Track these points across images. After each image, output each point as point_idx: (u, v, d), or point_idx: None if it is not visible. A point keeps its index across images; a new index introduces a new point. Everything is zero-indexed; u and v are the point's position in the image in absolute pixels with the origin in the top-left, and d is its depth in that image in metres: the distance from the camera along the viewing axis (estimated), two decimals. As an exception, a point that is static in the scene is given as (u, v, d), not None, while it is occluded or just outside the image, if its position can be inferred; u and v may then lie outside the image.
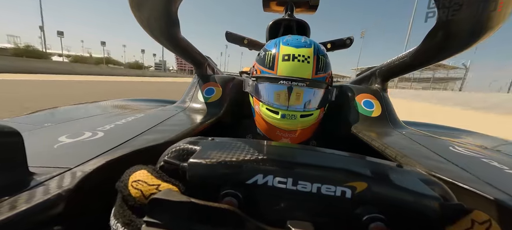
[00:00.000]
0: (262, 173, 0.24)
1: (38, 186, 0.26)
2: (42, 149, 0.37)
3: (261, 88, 0.62)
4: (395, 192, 0.24)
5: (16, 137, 0.26)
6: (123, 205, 0.24)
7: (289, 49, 0.58)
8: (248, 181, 0.24)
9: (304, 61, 0.56)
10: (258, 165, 0.25)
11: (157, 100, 1.23)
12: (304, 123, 0.60)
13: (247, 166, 0.25)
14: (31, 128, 0.49)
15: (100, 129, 0.49)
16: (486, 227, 0.21)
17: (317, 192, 0.24)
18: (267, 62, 0.60)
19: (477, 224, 0.21)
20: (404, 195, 0.24)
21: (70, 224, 0.26)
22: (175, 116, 0.68)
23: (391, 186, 0.24)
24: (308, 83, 0.56)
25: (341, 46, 0.98)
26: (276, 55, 0.58)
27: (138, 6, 0.49)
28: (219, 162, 0.25)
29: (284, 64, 0.57)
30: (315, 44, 0.61)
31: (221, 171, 0.25)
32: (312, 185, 0.24)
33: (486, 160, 0.48)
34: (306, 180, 0.24)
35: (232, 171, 0.25)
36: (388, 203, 0.23)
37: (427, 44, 0.56)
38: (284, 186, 0.24)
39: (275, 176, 0.24)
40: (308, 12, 1.09)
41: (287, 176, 0.24)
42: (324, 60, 0.59)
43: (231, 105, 0.83)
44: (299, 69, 0.56)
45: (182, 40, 0.68)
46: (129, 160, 0.37)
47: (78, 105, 0.87)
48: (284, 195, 0.24)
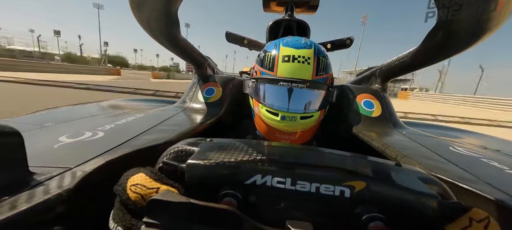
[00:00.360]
0: (261, 173, 0.24)
1: (38, 185, 0.26)
2: (42, 149, 0.37)
3: (261, 89, 0.61)
4: (394, 190, 0.24)
5: (16, 137, 0.26)
6: (122, 208, 0.24)
7: (289, 50, 0.57)
8: (247, 181, 0.24)
9: (305, 62, 0.56)
10: (257, 165, 0.25)
11: (157, 100, 1.23)
12: (304, 124, 0.60)
13: (245, 167, 0.25)
14: (31, 128, 0.49)
15: (100, 128, 0.49)
16: (484, 225, 0.21)
17: (316, 191, 0.24)
18: (267, 63, 0.59)
19: (475, 222, 0.21)
20: (403, 194, 0.24)
21: (70, 224, 0.26)
22: (175, 116, 0.68)
23: (390, 185, 0.24)
24: (309, 84, 0.56)
25: (341, 46, 0.98)
26: (276, 57, 0.58)
27: (138, 6, 0.49)
28: (217, 163, 0.25)
29: (284, 66, 0.56)
30: (316, 45, 0.60)
31: (220, 171, 0.25)
32: (311, 185, 0.24)
33: (486, 160, 0.48)
34: (305, 180, 0.24)
35: (231, 171, 0.25)
36: (387, 202, 0.24)
37: (427, 44, 0.56)
38: (283, 186, 0.24)
39: (274, 176, 0.24)
40: (308, 12, 1.09)
41: (286, 176, 0.24)
42: (325, 61, 0.59)
43: (231, 105, 0.83)
44: (299, 71, 0.56)
45: (182, 40, 0.69)
46: (129, 159, 0.37)
47: (78, 105, 0.87)
48: (283, 195, 0.24)
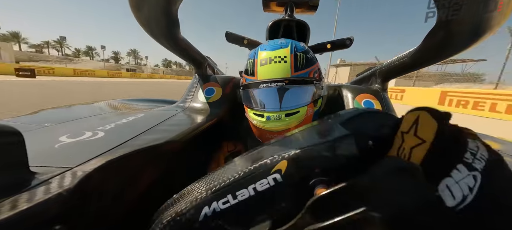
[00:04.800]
0: (207, 204, 0.25)
1: (39, 185, 0.26)
2: (43, 149, 0.37)
3: (246, 95, 0.65)
4: (316, 150, 0.25)
5: (17, 137, 0.26)
6: None
7: (266, 53, 0.60)
8: (201, 219, 0.25)
9: (281, 61, 0.58)
10: (202, 200, 0.26)
11: (157, 100, 1.23)
12: (291, 121, 0.60)
13: (196, 207, 0.26)
14: (32, 128, 0.49)
15: (100, 128, 0.49)
16: (414, 131, 0.21)
17: (255, 192, 0.24)
18: (249, 69, 0.63)
19: (405, 134, 0.21)
20: (324, 150, 0.24)
21: (71, 224, 0.26)
22: (176, 116, 0.68)
23: (307, 149, 0.25)
24: (287, 81, 0.57)
25: (341, 46, 0.98)
26: (255, 62, 0.61)
27: (138, 6, 0.49)
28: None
29: (262, 68, 0.59)
30: (293, 43, 0.62)
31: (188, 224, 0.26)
32: (248, 189, 0.25)
33: None
34: (241, 188, 0.25)
35: (189, 217, 0.26)
36: (315, 163, 0.24)
37: (427, 44, 0.56)
38: (229, 204, 0.25)
39: (218, 201, 0.25)
40: (308, 12, 1.09)
41: (226, 194, 0.25)
42: (303, 56, 0.60)
43: (232, 105, 0.83)
44: (277, 70, 0.58)
45: (182, 40, 0.69)
46: (130, 159, 0.37)
47: (79, 106, 0.87)
48: (232, 213, 0.25)
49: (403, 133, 0.22)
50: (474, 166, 0.19)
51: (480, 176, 0.19)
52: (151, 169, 0.45)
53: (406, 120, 0.22)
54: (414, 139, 0.21)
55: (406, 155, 0.22)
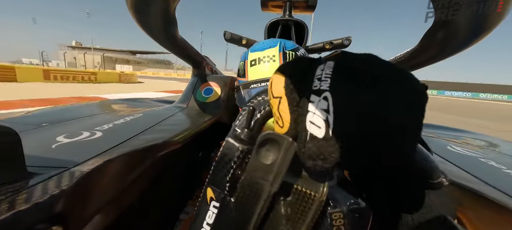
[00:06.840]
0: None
1: (36, 186, 0.25)
2: (40, 149, 0.37)
3: (239, 96, 0.65)
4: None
5: (13, 137, 0.25)
6: None
7: (255, 54, 0.61)
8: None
9: (270, 61, 0.59)
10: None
11: (156, 100, 1.23)
12: None
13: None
14: (28, 128, 0.48)
15: (98, 128, 0.48)
16: (272, 93, 0.23)
17: None
18: (240, 71, 0.64)
19: (272, 99, 0.23)
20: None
21: (69, 224, 0.26)
22: (174, 116, 0.68)
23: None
24: None
25: (340, 46, 0.98)
26: (245, 63, 0.62)
27: (136, 8, 0.48)
28: None
29: (252, 69, 0.60)
30: (282, 41, 0.62)
31: None
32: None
33: (484, 159, 0.48)
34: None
35: None
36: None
37: (425, 44, 0.56)
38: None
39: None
40: (306, 12, 1.09)
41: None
42: (293, 54, 0.61)
43: (231, 105, 0.83)
44: (266, 70, 0.59)
45: (180, 40, 0.68)
46: (128, 159, 0.37)
47: (76, 105, 0.86)
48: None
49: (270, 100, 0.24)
50: (322, 88, 0.19)
51: (329, 94, 0.18)
52: (149, 169, 0.45)
53: (269, 86, 0.23)
54: (275, 101, 0.22)
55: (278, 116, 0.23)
